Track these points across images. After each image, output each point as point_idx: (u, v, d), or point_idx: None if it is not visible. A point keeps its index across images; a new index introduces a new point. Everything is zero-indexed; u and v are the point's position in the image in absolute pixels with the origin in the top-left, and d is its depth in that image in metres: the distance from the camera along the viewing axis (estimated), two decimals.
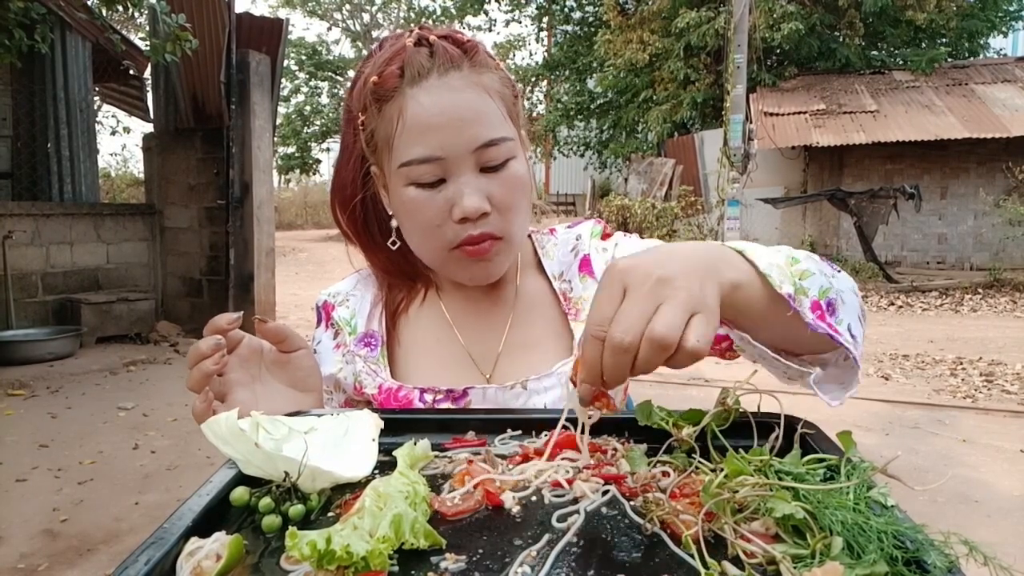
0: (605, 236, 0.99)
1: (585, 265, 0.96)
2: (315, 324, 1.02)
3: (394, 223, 0.89)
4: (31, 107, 6.92)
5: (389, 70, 0.81)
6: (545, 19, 20.82)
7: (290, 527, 0.48)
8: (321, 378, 0.90)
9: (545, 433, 0.71)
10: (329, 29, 32.93)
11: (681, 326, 0.55)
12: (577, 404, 0.63)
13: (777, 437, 0.61)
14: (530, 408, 0.87)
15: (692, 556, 0.49)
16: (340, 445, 0.66)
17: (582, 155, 19.38)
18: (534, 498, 0.60)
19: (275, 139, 12.04)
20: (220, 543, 0.50)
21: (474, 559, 0.50)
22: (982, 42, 15.39)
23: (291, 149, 22.85)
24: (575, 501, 0.59)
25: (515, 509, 0.58)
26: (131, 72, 7.84)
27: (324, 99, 23.85)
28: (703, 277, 0.59)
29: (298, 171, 23.74)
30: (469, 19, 21.69)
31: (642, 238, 1.01)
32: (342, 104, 0.96)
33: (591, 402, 0.61)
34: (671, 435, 0.66)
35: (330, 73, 23.42)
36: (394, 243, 0.90)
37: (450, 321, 0.95)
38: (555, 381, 0.88)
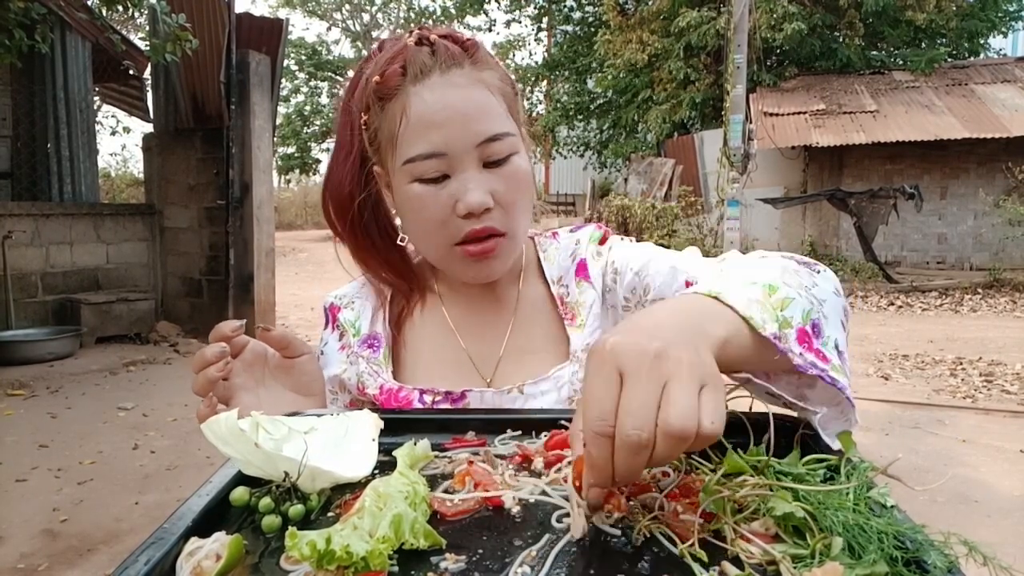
0: (603, 240, 1.00)
1: (581, 269, 0.97)
2: (323, 326, 1.04)
3: (398, 221, 0.90)
4: (31, 107, 6.92)
5: (392, 69, 0.81)
6: (545, 19, 20.82)
7: (290, 527, 0.48)
8: (324, 383, 0.92)
9: (545, 434, 0.71)
10: (329, 29, 32.96)
11: (696, 409, 0.48)
12: (580, 510, 0.53)
13: (770, 437, 0.61)
14: (529, 408, 0.88)
15: (694, 558, 0.49)
16: (340, 445, 0.66)
17: (582, 155, 19.38)
18: (534, 498, 0.60)
19: (275, 139, 12.04)
20: (220, 543, 0.50)
21: (474, 559, 0.50)
22: (982, 42, 15.39)
23: (291, 149, 22.89)
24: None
25: (515, 509, 0.58)
26: (131, 72, 7.84)
27: (324, 99, 23.89)
28: (695, 339, 0.54)
29: (298, 171, 23.79)
30: (469, 19, 21.73)
31: (641, 238, 1.01)
32: (336, 102, 0.97)
33: (602, 505, 0.54)
34: None
35: (330, 73, 23.44)
36: (402, 239, 0.91)
37: (452, 327, 0.96)
38: (551, 385, 0.90)
